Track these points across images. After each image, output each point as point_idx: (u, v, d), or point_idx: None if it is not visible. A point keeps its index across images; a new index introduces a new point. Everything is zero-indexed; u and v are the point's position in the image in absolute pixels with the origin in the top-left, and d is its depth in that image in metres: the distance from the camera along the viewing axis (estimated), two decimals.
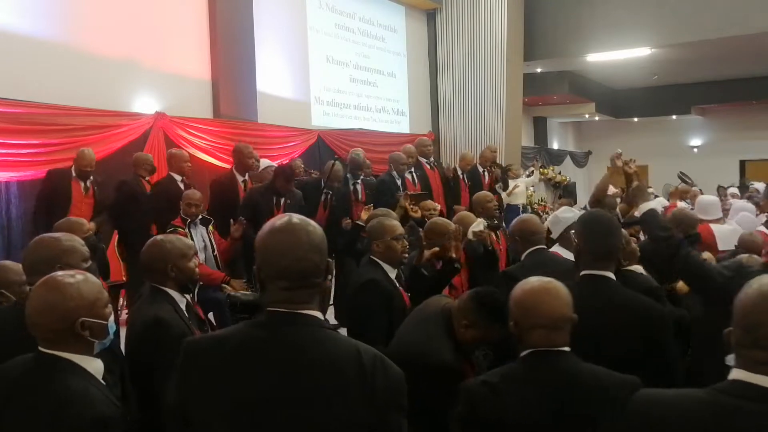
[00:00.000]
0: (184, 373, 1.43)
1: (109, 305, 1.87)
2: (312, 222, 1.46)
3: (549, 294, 1.83)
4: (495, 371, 1.85)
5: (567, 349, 1.81)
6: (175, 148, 6.03)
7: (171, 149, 5.92)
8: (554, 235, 3.71)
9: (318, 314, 1.43)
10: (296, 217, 1.46)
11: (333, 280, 2.44)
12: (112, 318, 1.84)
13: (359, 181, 6.25)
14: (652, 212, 2.71)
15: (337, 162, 5.96)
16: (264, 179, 5.67)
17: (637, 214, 2.89)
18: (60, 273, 1.81)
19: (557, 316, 1.80)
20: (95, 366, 1.76)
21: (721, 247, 4.22)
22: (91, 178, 5.20)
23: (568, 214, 3.63)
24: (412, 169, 6.71)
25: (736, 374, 1.36)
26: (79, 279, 1.79)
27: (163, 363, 1.64)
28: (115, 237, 5.62)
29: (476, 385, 1.80)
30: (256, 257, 1.45)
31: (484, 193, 4.92)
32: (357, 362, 1.37)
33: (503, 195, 8.95)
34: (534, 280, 1.89)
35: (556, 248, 3.64)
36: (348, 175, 6.17)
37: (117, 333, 2.32)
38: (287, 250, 1.40)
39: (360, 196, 6.09)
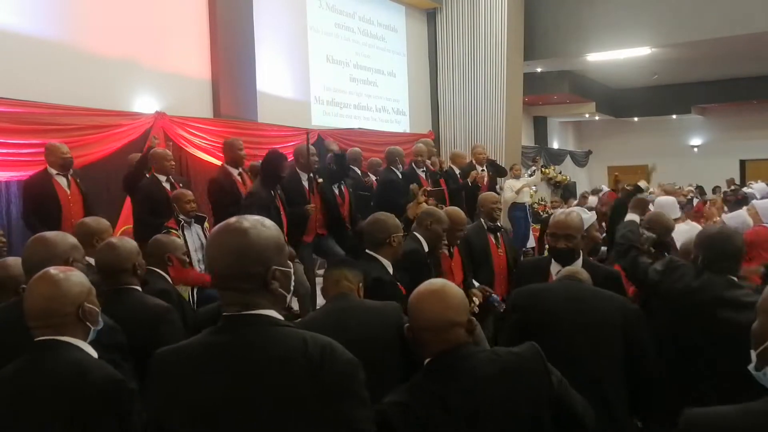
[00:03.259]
0: (154, 386, 1.47)
1: None
2: (256, 225, 1.45)
3: (434, 297, 1.79)
4: (402, 388, 1.78)
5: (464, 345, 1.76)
6: (161, 147, 5.63)
7: (154, 149, 5.51)
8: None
9: (270, 312, 1.43)
10: (240, 219, 1.45)
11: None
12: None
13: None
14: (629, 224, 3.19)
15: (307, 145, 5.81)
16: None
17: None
18: (52, 268, 1.95)
19: (441, 320, 1.75)
20: (91, 351, 1.90)
21: (680, 246, 4.21)
22: (71, 172, 4.90)
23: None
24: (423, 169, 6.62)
25: None
26: (73, 271, 1.96)
27: None
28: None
29: (390, 406, 1.70)
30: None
31: (491, 194, 4.82)
32: (303, 354, 1.36)
33: (511, 194, 8.96)
34: (426, 283, 1.87)
35: None
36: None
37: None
38: (217, 253, 1.44)
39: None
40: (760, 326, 1.34)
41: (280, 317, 1.46)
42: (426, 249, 3.64)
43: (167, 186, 5.20)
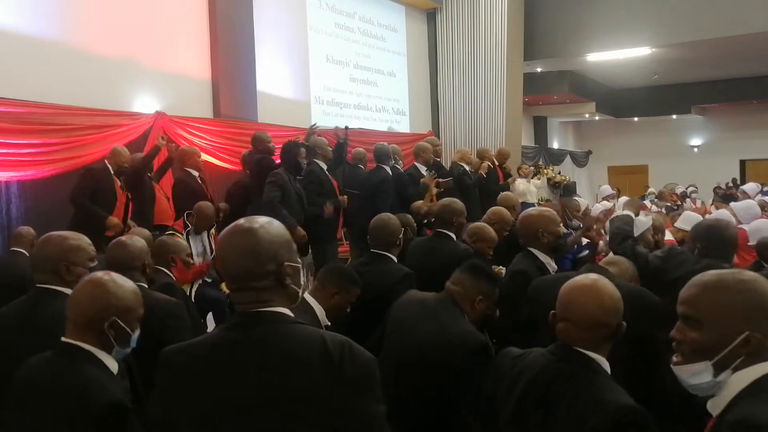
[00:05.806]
0: (163, 384, 1.45)
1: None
2: (264, 225, 1.45)
3: (589, 292, 1.76)
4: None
5: (593, 355, 1.72)
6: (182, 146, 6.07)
7: (181, 147, 5.98)
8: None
9: (283, 310, 1.44)
10: (249, 220, 1.46)
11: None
12: (137, 333, 1.95)
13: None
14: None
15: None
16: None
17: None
18: (101, 273, 1.97)
19: (589, 318, 1.73)
20: (111, 363, 1.89)
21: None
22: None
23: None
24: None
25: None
26: (131, 286, 1.96)
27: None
28: None
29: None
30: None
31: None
32: (322, 351, 1.36)
33: (529, 195, 9.02)
34: (582, 276, 1.85)
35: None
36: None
37: None
38: (231, 254, 1.44)
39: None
40: (709, 335, 1.33)
41: (293, 315, 1.46)
42: None
43: (200, 181, 5.66)
